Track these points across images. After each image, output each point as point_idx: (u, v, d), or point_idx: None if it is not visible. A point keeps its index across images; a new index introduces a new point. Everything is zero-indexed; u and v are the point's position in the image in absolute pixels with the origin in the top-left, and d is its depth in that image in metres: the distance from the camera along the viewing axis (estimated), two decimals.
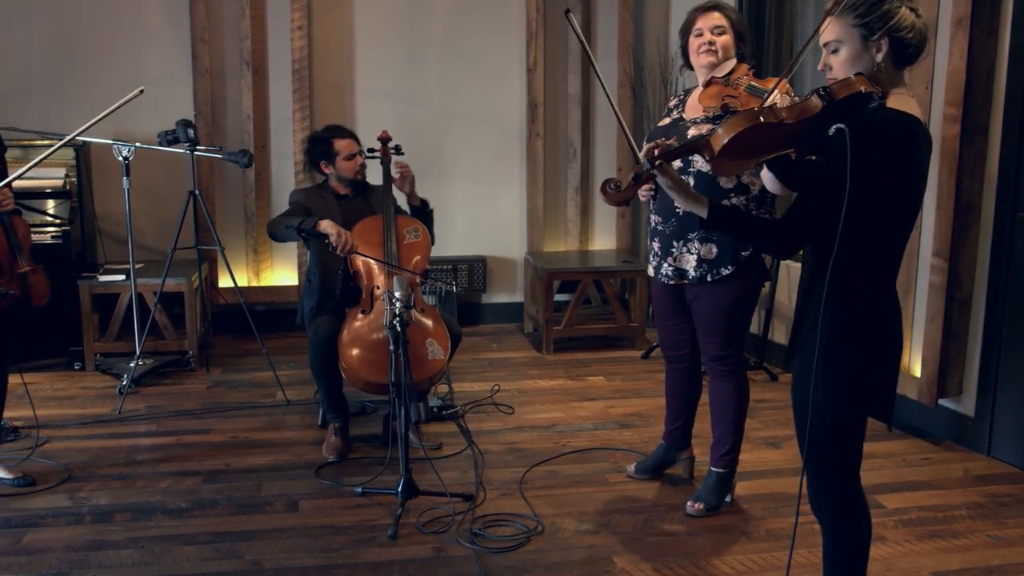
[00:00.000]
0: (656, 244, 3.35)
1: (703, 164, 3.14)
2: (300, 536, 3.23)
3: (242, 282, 5.60)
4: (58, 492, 3.56)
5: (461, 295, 5.93)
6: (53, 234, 5.03)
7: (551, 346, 5.48)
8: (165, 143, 4.73)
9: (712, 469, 3.43)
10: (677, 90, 5.73)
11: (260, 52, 5.63)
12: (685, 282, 3.29)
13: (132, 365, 4.75)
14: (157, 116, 5.27)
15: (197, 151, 4.79)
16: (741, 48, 3.30)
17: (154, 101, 5.17)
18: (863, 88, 2.10)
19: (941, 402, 4.08)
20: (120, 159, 4.57)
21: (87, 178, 5.35)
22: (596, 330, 5.69)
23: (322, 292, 4.05)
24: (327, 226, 3.82)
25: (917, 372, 4.15)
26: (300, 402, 4.59)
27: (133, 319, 4.81)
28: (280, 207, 5.35)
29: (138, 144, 4.65)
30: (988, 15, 3.77)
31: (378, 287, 3.88)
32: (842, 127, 2.05)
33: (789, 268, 5.01)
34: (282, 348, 5.39)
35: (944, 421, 4.11)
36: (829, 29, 2.17)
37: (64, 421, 4.30)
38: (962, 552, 3.13)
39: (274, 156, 5.79)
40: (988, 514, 3.41)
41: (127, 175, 4.61)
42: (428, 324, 3.86)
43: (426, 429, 4.18)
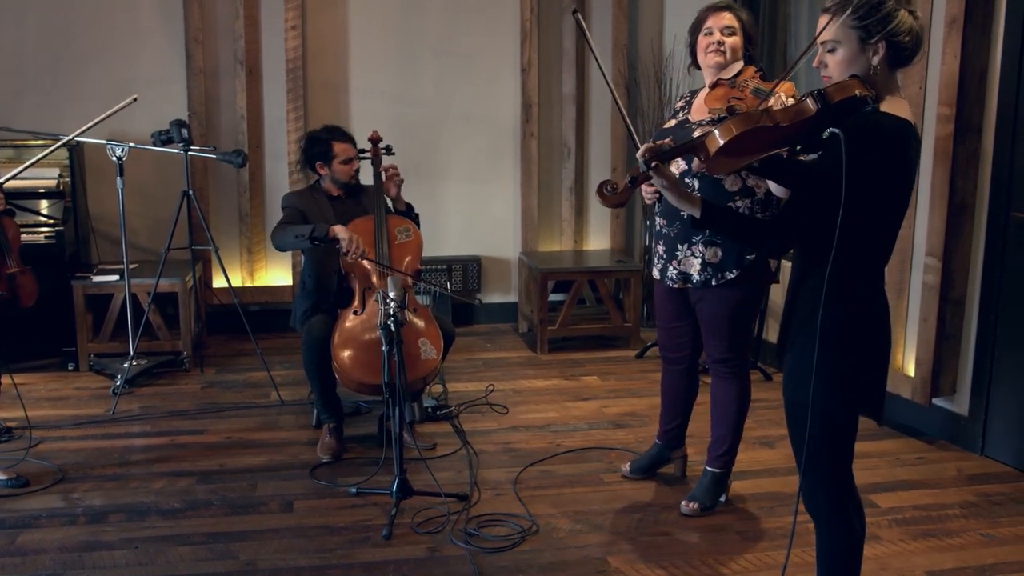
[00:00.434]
0: (661, 247, 3.33)
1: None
2: (295, 536, 3.22)
3: (236, 282, 5.59)
4: (52, 493, 3.55)
5: (456, 296, 5.92)
6: (47, 234, 5.02)
7: (546, 346, 5.48)
8: (159, 143, 4.72)
9: (708, 468, 3.43)
10: (672, 90, 5.74)
11: (254, 52, 5.63)
12: (689, 286, 3.28)
13: (126, 365, 4.73)
14: (151, 116, 5.25)
15: (191, 151, 4.78)
16: (750, 50, 3.27)
17: (148, 101, 5.15)
18: (858, 92, 2.12)
19: (935, 401, 4.09)
20: (114, 159, 4.56)
21: (81, 178, 5.33)
22: (590, 330, 5.69)
23: (317, 296, 4.04)
24: (339, 231, 3.81)
25: (911, 371, 4.16)
26: (294, 402, 4.59)
27: (127, 319, 4.81)
28: (274, 207, 5.35)
29: (132, 144, 4.63)
30: (982, 15, 3.78)
31: (370, 288, 3.88)
32: (837, 132, 2.06)
33: (783, 269, 5.01)
34: (276, 348, 5.38)
35: (938, 420, 4.12)
36: (828, 28, 2.18)
37: (58, 422, 4.29)
38: (956, 551, 3.14)
39: (268, 156, 5.78)
40: (982, 513, 3.42)
41: (121, 175, 4.60)
42: (420, 324, 3.86)
43: (420, 429, 4.17)
